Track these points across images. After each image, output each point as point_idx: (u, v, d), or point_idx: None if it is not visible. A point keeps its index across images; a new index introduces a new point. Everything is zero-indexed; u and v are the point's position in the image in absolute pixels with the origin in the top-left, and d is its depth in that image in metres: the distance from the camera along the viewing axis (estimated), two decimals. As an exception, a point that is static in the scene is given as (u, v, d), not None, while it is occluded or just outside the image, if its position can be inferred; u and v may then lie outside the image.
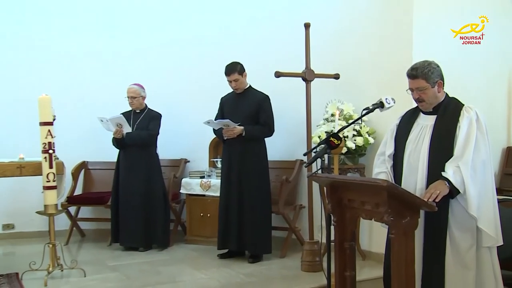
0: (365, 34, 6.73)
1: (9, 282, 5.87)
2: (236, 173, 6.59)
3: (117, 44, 8.48)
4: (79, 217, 8.30)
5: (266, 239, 6.60)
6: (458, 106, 4.09)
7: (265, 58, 7.22)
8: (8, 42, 8.32)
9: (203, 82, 7.82)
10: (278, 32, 7.44)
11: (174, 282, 5.88)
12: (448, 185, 3.80)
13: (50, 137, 5.98)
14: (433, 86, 4.03)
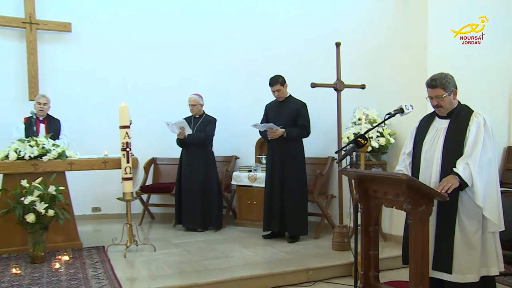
0: (387, 51, 6.68)
1: (98, 253, 6.11)
2: (278, 167, 6.60)
3: (181, 59, 8.53)
4: (150, 203, 8.40)
5: (303, 223, 6.59)
6: (469, 112, 4.07)
7: (302, 71, 7.16)
8: (101, 58, 8.45)
9: (251, 91, 7.79)
10: (313, 48, 7.40)
11: (226, 258, 5.91)
12: (458, 179, 3.79)
13: (127, 138, 6.17)
14: (449, 94, 4.03)
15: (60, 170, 6.24)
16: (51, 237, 5.95)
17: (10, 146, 6.20)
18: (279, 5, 7.86)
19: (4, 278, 5.12)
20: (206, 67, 8.41)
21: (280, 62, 7.45)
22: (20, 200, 5.55)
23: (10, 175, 6.08)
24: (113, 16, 8.44)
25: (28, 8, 8.07)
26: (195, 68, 8.44)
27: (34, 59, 8.17)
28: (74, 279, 5.02)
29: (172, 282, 5.02)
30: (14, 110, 7.72)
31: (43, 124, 7.35)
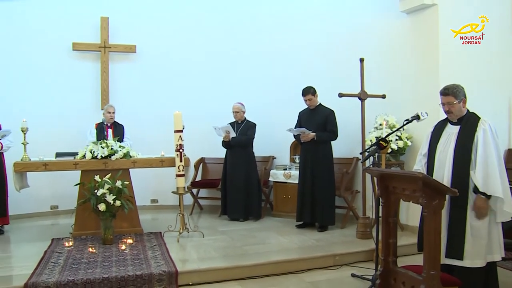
0: (404, 65, 6.58)
1: (156, 238, 6.18)
2: (310, 166, 6.57)
3: (224, 74, 8.58)
4: (199, 196, 8.45)
5: (331, 214, 6.54)
6: (476, 119, 4.03)
7: (331, 83, 7.09)
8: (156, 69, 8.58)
9: (287, 100, 7.75)
10: (340, 62, 7.33)
11: (264, 244, 5.91)
12: (486, 198, 3.83)
13: (181, 140, 6.23)
14: (459, 102, 4.01)
15: (125, 167, 6.34)
16: (118, 223, 6.05)
17: (86, 147, 6.37)
18: (312, 28, 7.81)
19: (83, 255, 5.29)
20: (247, 79, 8.42)
21: (312, 75, 7.38)
22: (94, 192, 5.67)
23: (86, 171, 6.22)
24: (169, 38, 8.55)
25: (103, 35, 8.34)
26: (238, 80, 8.46)
27: (106, 76, 8.38)
28: (137, 259, 5.11)
29: (217, 263, 5.07)
30: (89, 117, 7.89)
31: (111, 129, 7.50)
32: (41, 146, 6.79)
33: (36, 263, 5.01)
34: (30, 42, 7.93)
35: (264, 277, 4.92)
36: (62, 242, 5.85)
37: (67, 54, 8.22)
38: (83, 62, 8.38)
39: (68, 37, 8.15)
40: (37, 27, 7.95)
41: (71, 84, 8.21)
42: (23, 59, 7.87)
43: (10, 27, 7.79)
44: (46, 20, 8.01)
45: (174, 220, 6.27)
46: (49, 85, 8.06)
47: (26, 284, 4.33)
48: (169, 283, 4.63)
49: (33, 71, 7.94)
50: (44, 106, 7.93)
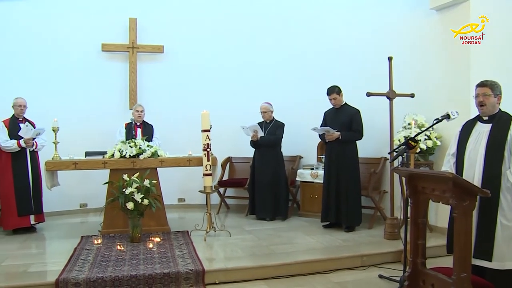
0: (434, 63, 6.50)
1: (183, 236, 6.23)
2: (335, 166, 6.52)
3: (253, 68, 8.57)
4: (226, 195, 8.48)
5: (357, 214, 6.49)
6: (509, 117, 3.97)
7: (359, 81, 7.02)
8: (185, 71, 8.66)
9: (313, 100, 7.71)
10: (368, 60, 7.25)
11: (291, 243, 5.90)
12: None
13: (208, 140, 6.25)
14: (495, 96, 3.97)
15: (153, 166, 6.41)
16: (145, 222, 6.12)
17: (115, 146, 6.46)
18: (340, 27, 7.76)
19: (112, 253, 5.37)
20: (275, 79, 8.41)
21: (340, 75, 7.31)
22: (122, 191, 5.75)
23: (115, 170, 6.31)
24: (196, 38, 8.62)
25: (131, 36, 8.47)
26: (266, 80, 8.45)
27: (134, 76, 8.50)
28: (164, 257, 5.16)
29: (244, 263, 5.08)
30: (117, 117, 8.02)
31: (140, 129, 7.59)
32: (71, 145, 6.95)
33: (66, 259, 5.13)
34: (61, 43, 8.10)
35: (291, 277, 4.90)
36: (91, 240, 5.96)
37: (96, 55, 8.38)
38: (112, 62, 8.52)
39: (98, 38, 8.31)
40: (68, 28, 8.12)
41: (100, 84, 8.37)
42: (55, 60, 8.05)
43: (42, 29, 7.97)
44: (77, 22, 8.17)
45: (201, 219, 6.31)
46: (79, 86, 8.22)
47: (57, 280, 4.43)
48: (196, 281, 4.66)
49: (64, 72, 8.11)
50: (74, 106, 8.09)
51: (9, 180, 6.64)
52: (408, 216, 4.14)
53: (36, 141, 6.76)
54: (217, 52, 8.63)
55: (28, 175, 6.76)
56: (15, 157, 6.69)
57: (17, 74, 7.74)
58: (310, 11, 8.12)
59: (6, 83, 7.54)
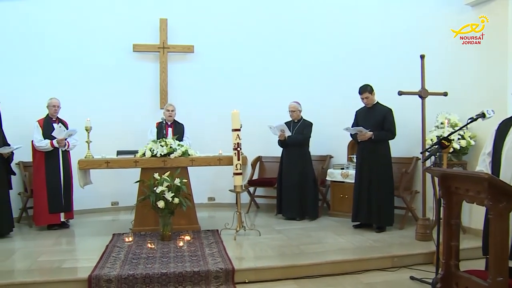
0: (468, 60, 6.35)
1: (213, 235, 6.28)
2: (367, 166, 6.47)
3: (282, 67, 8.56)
4: (256, 194, 8.50)
5: (389, 215, 6.41)
6: None
7: (390, 80, 6.91)
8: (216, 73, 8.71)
9: (343, 99, 7.68)
10: (399, 59, 7.14)
11: (321, 243, 5.88)
12: None
13: (238, 139, 6.29)
14: None
15: (184, 165, 6.47)
16: (176, 220, 6.19)
17: (146, 146, 6.55)
18: (371, 25, 7.66)
19: (143, 250, 5.46)
20: (304, 78, 8.37)
21: (371, 73, 7.22)
22: (153, 190, 5.83)
23: (146, 169, 6.40)
24: (226, 38, 8.66)
25: (162, 36, 8.58)
26: (295, 79, 8.43)
27: (164, 76, 8.61)
28: (194, 256, 5.21)
29: (273, 262, 5.08)
30: (148, 116, 8.15)
31: (170, 128, 7.67)
32: (103, 145, 7.10)
33: (98, 256, 5.24)
34: (94, 45, 8.27)
35: (321, 277, 4.88)
36: (122, 237, 6.07)
37: (128, 55, 8.51)
38: (143, 62, 8.64)
39: (129, 38, 8.44)
40: (100, 30, 8.28)
41: (131, 84, 8.50)
42: (88, 61, 8.21)
43: (75, 30, 8.14)
44: (109, 23, 8.33)
45: (231, 218, 6.34)
46: (111, 86, 8.36)
47: (90, 276, 4.54)
48: (226, 280, 4.69)
49: (96, 72, 8.27)
50: (106, 105, 8.23)
51: (42, 178, 6.83)
52: (441, 217, 4.08)
53: (68, 141, 6.92)
54: (247, 51, 8.65)
55: (60, 174, 6.94)
56: (48, 156, 6.87)
57: (51, 75, 7.91)
58: (340, 10, 8.05)
59: (41, 84, 7.72)
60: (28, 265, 5.06)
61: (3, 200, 6.40)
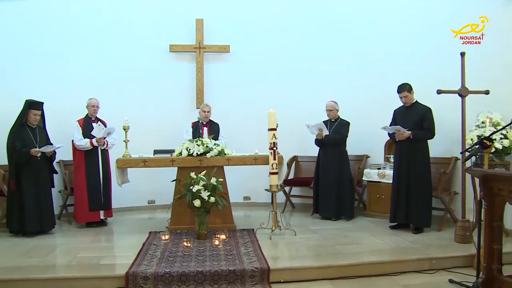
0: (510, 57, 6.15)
1: (248, 234, 6.32)
2: (405, 166, 6.38)
3: (318, 66, 8.53)
4: (291, 194, 8.49)
5: (427, 216, 6.31)
6: None
7: (429, 78, 6.78)
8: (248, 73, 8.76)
9: (380, 97, 7.60)
10: (438, 57, 7.00)
11: (357, 244, 5.83)
12: None
13: (274, 138, 6.30)
14: None
15: (220, 165, 6.54)
16: (212, 219, 6.26)
17: (183, 145, 6.64)
18: (409, 21, 7.54)
19: (179, 249, 5.54)
20: (341, 77, 8.32)
21: (408, 72, 7.12)
22: (190, 188, 5.90)
23: (183, 168, 6.49)
24: (261, 37, 8.70)
25: (198, 36, 8.68)
26: (331, 78, 8.39)
27: (201, 76, 8.70)
28: (230, 254, 5.25)
29: (309, 262, 5.08)
30: (185, 116, 8.27)
31: (206, 128, 7.76)
32: (140, 144, 7.24)
33: (135, 254, 5.35)
34: (131, 45, 8.44)
35: (357, 278, 4.85)
36: (159, 235, 6.18)
37: (164, 55, 8.65)
38: (179, 62, 8.77)
39: (165, 39, 8.58)
40: (137, 30, 8.45)
41: (168, 84, 8.64)
42: (125, 62, 8.38)
43: (112, 31, 8.32)
44: (145, 24, 8.49)
45: (267, 217, 6.36)
46: (148, 86, 8.52)
47: (127, 273, 4.64)
48: (261, 279, 4.71)
49: (134, 73, 8.43)
50: (143, 105, 8.39)
51: (82, 176, 7.02)
52: (482, 218, 3.98)
53: (107, 140, 7.09)
54: (283, 50, 8.67)
55: (99, 172, 7.12)
56: (88, 155, 7.06)
57: (90, 76, 8.12)
58: (378, 7, 7.96)
59: (81, 85, 7.93)
60: (68, 260, 5.23)
61: (46, 198, 6.62)
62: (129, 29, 8.41)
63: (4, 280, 4.57)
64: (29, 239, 6.28)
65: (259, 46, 8.71)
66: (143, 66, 8.48)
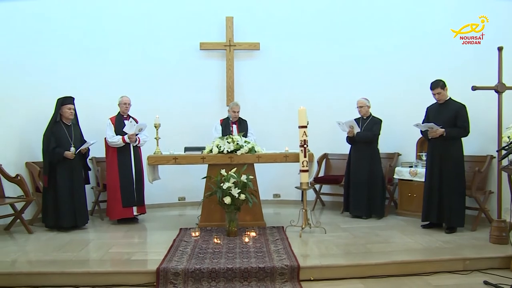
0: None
1: (278, 232, 6.32)
2: (438, 164, 6.28)
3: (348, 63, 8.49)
4: (322, 192, 8.47)
5: (460, 215, 6.19)
6: None
7: (463, 74, 6.66)
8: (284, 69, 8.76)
9: (412, 94, 7.52)
10: (474, 51, 6.79)
11: (388, 243, 5.78)
12: None
13: (305, 136, 6.28)
14: None
15: (250, 162, 6.57)
16: (242, 216, 6.32)
17: (213, 142, 6.71)
18: (443, 16, 7.40)
19: (209, 245, 5.60)
20: (372, 74, 8.25)
21: (442, 68, 7.00)
22: (220, 186, 5.96)
23: (213, 165, 6.55)
24: (291, 35, 8.70)
25: (228, 34, 8.74)
26: (362, 75, 8.33)
27: (231, 73, 8.76)
28: (260, 252, 5.29)
29: (339, 260, 5.06)
30: (214, 113, 8.35)
31: (235, 125, 7.83)
32: (171, 141, 7.33)
33: (166, 250, 5.44)
34: (161, 44, 8.56)
35: (387, 277, 4.81)
36: (189, 232, 6.26)
37: (195, 53, 8.74)
38: (210, 60, 8.84)
39: (196, 37, 8.67)
40: (167, 29, 8.57)
41: (198, 82, 8.73)
42: (156, 60, 8.53)
43: (143, 29, 8.45)
44: (176, 22, 8.60)
45: (296, 215, 6.38)
46: (179, 84, 8.64)
47: (158, 269, 4.72)
48: (291, 277, 4.72)
49: (164, 71, 8.57)
50: (174, 103, 8.52)
51: (115, 173, 7.16)
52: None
53: (139, 137, 7.22)
54: (313, 47, 8.64)
55: (132, 169, 7.24)
56: (120, 152, 7.19)
57: (122, 74, 8.28)
58: (409, 4, 7.86)
59: (112, 83, 8.09)
60: (100, 255, 5.37)
61: (80, 194, 6.80)
62: (160, 27, 8.53)
63: (41, 273, 4.74)
64: (63, 233, 6.48)
65: (289, 43, 8.71)
66: (173, 64, 8.60)
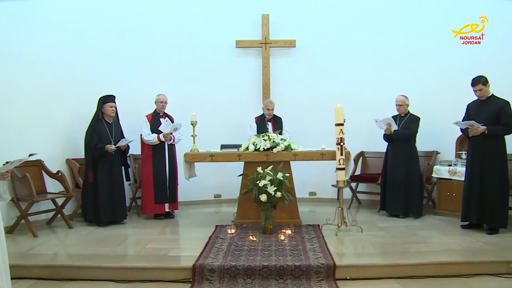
0: None
1: (314, 230, 6.32)
2: (479, 163, 6.12)
3: (386, 60, 8.40)
4: (358, 190, 8.42)
5: (503, 216, 6.03)
6: None
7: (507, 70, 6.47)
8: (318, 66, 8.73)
9: (451, 90, 7.38)
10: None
11: (426, 243, 5.70)
12: None
13: (342, 134, 6.25)
14: None
15: (286, 160, 6.58)
16: (277, 214, 6.32)
17: (249, 140, 6.75)
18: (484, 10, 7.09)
19: (244, 243, 5.65)
20: (410, 71, 8.12)
21: (483, 63, 6.83)
22: (256, 183, 5.99)
23: (249, 163, 6.60)
24: (327, 31, 8.65)
25: (264, 31, 8.77)
26: (400, 72, 8.21)
27: (267, 71, 8.79)
28: (295, 250, 5.29)
29: (376, 260, 5.02)
30: (251, 111, 8.36)
31: (270, 123, 7.86)
32: (207, 138, 7.38)
33: (202, 246, 5.50)
34: (198, 42, 8.67)
35: (425, 278, 4.74)
36: (225, 229, 6.33)
37: (231, 51, 8.81)
38: (246, 58, 8.89)
39: (232, 35, 8.73)
40: (203, 27, 8.67)
41: (234, 80, 8.80)
42: (193, 58, 8.65)
43: (179, 28, 8.57)
44: (212, 20, 8.69)
45: (332, 213, 6.36)
46: (215, 81, 8.73)
47: (194, 265, 4.79)
48: (327, 276, 4.71)
49: (201, 69, 8.68)
50: (210, 100, 8.61)
51: (149, 170, 7.33)
52: None
53: (173, 135, 7.34)
54: (350, 44, 8.57)
55: (166, 167, 7.38)
56: (155, 149, 7.35)
57: (158, 72, 8.42)
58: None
59: (149, 81, 8.25)
60: (138, 250, 5.49)
61: (118, 189, 7.01)
62: (196, 25, 8.63)
63: (80, 267, 4.90)
64: (102, 228, 6.67)
65: (325, 40, 8.66)
66: (209, 62, 8.69)
